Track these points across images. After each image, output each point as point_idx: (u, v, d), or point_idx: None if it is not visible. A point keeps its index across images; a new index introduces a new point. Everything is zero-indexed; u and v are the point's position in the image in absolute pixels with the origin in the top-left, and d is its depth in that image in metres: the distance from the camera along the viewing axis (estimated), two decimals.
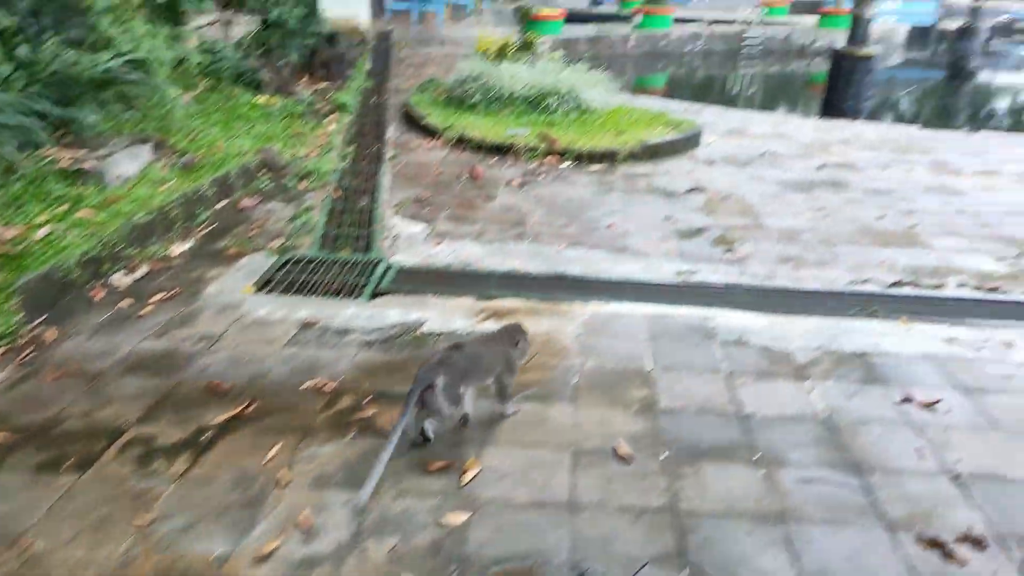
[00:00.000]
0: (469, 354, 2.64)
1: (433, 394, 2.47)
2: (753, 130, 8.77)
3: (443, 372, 2.51)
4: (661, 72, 23.39)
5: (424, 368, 2.54)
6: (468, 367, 2.61)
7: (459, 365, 2.58)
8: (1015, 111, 18.98)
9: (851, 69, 12.44)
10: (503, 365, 2.76)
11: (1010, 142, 8.49)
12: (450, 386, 2.52)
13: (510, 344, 2.80)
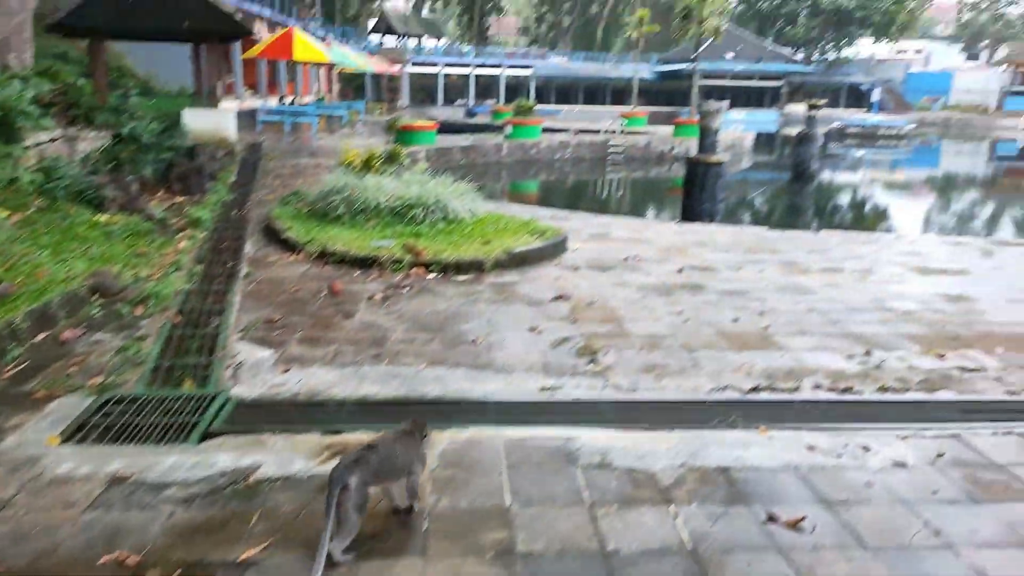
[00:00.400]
0: (382, 452, 2.66)
1: (347, 495, 2.47)
2: (617, 235, 9.02)
3: (358, 472, 2.52)
4: (533, 178, 24.26)
5: (338, 468, 2.52)
6: (381, 465, 2.63)
7: (373, 464, 2.59)
8: (852, 207, 20.86)
9: (704, 175, 13.26)
10: (415, 459, 2.81)
11: (849, 240, 9.14)
12: (361, 486, 2.52)
13: (419, 437, 2.86)
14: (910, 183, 27.60)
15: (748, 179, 27.43)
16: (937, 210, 20.62)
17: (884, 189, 25.22)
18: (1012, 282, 6.99)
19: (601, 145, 26.56)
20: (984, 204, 22.51)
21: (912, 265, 7.59)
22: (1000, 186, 27.57)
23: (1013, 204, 22.50)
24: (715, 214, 13.54)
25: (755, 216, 18.57)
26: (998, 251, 8.59)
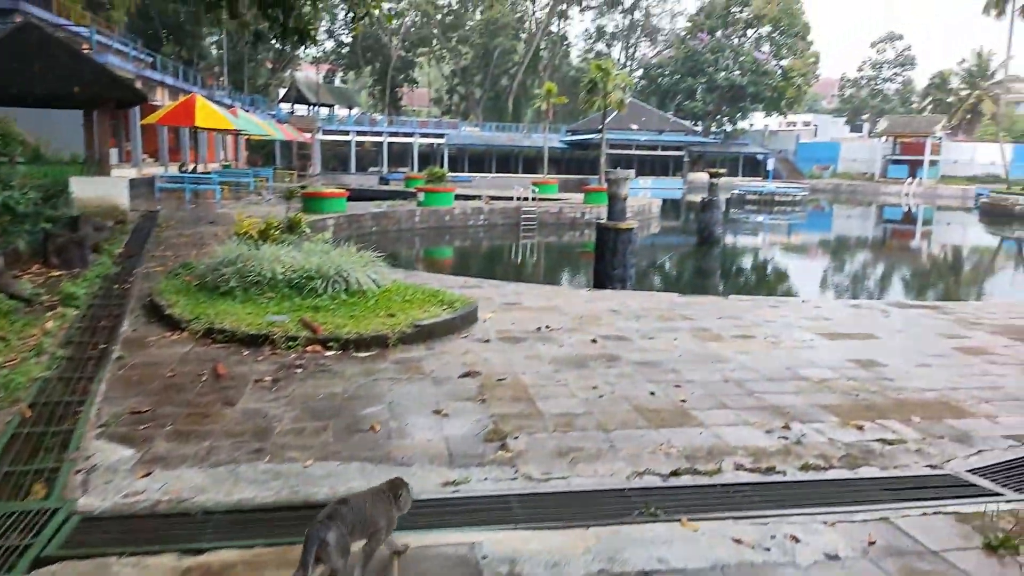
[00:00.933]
0: (355, 507, 2.66)
1: (327, 551, 2.48)
2: (529, 303, 8.77)
3: (334, 527, 2.52)
4: (448, 245, 24.07)
5: (313, 526, 2.51)
6: (355, 521, 2.63)
7: (347, 518, 2.59)
8: (756, 270, 21.56)
9: (614, 240, 13.31)
10: (382, 520, 2.76)
11: (758, 304, 9.19)
12: (341, 539, 2.53)
13: (392, 499, 2.84)
14: (807, 246, 28.90)
15: (657, 243, 28.10)
16: (835, 272, 21.51)
17: (784, 252, 26.28)
18: (915, 345, 7.07)
19: (514, 211, 26.73)
20: (876, 265, 23.67)
21: (820, 330, 7.62)
22: (888, 248, 29.25)
23: (901, 264, 23.79)
24: (627, 279, 13.58)
25: (666, 280, 18.87)
26: (897, 313, 8.79)
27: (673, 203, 48.78)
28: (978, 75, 67.73)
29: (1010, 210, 38.47)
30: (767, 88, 63.76)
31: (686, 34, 69.26)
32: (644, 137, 58.35)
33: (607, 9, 75.30)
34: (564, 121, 68.34)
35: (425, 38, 70.41)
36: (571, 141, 61.35)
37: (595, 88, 32.21)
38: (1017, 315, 8.73)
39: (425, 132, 60.14)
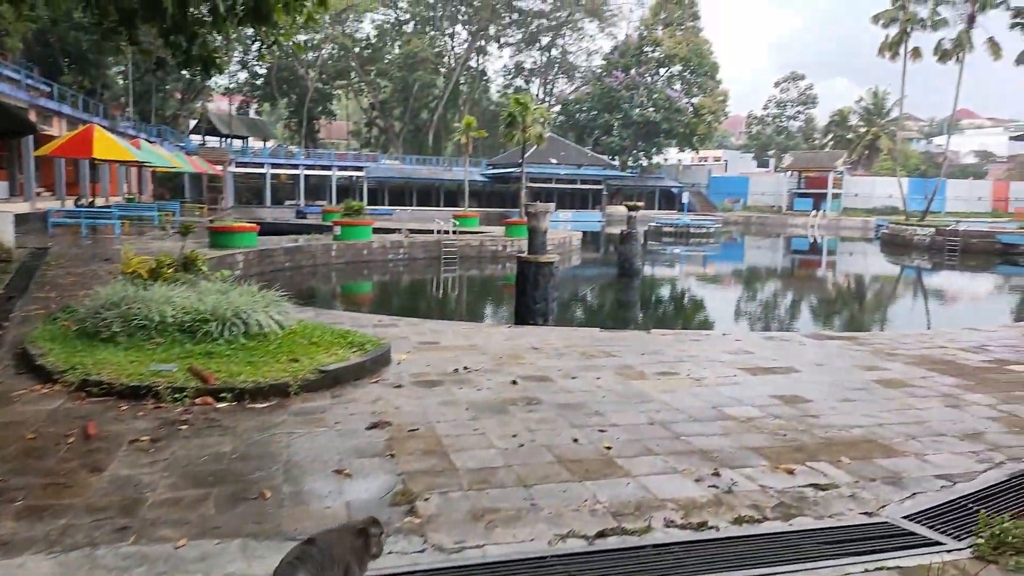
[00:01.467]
0: (322, 546, 2.44)
1: None
2: (447, 342, 8.35)
3: (302, 569, 2.33)
4: (366, 280, 23.40)
5: (281, 567, 2.35)
6: (324, 561, 2.40)
7: (316, 559, 2.38)
8: (675, 300, 21.77)
9: (535, 274, 13.07)
10: (352, 562, 2.53)
11: (679, 339, 9.04)
12: None
13: (365, 539, 2.63)
14: (722, 277, 29.56)
15: (579, 275, 28.16)
16: (750, 302, 21.94)
17: (701, 283, 26.75)
18: (836, 379, 7.00)
19: (435, 245, 26.32)
20: (788, 296, 24.33)
21: (743, 365, 7.49)
22: (798, 278, 30.26)
23: (811, 294, 24.55)
24: (549, 313, 13.33)
25: (588, 312, 18.77)
26: (815, 345, 8.80)
27: (593, 235, 49.42)
28: (874, 113, 72.15)
29: (909, 240, 40.56)
30: (680, 124, 65.96)
31: (602, 72, 71.14)
32: (564, 171, 59.23)
33: (525, 46, 76.67)
34: (486, 155, 68.76)
35: (343, 71, 69.81)
36: (492, 174, 61.68)
37: (514, 122, 32.38)
38: (930, 344, 8.87)
39: (343, 165, 59.23)
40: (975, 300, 23.77)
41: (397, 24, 70.95)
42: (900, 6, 43.74)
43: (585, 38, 78.06)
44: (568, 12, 72.03)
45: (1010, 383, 6.91)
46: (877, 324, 17.20)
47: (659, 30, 69.81)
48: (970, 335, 9.71)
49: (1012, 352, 8.52)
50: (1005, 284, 29.41)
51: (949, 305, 22.38)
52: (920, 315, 19.52)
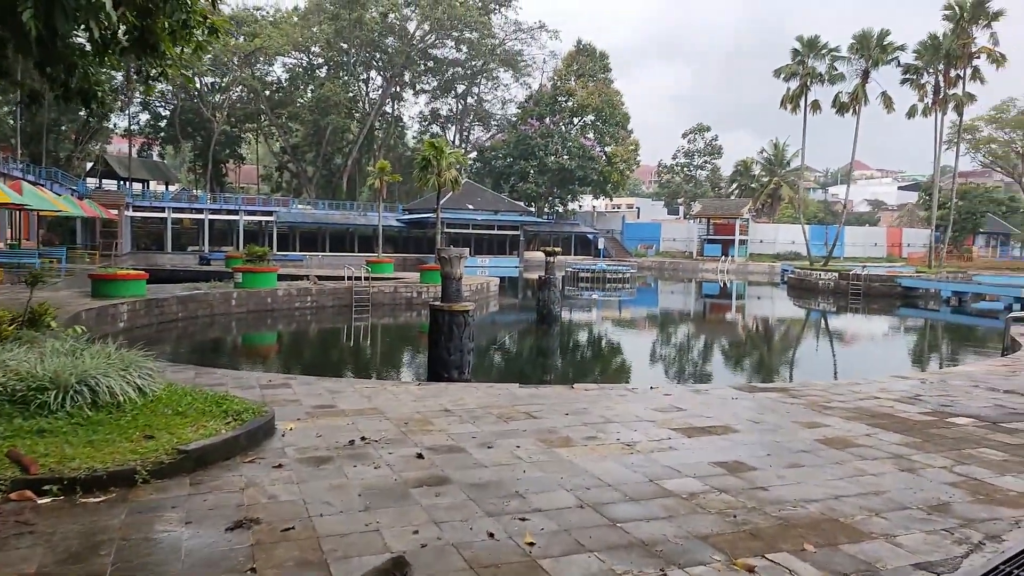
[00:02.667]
0: None
1: None
2: (347, 404, 7.31)
3: None
4: (268, 330, 21.89)
5: None
6: None
7: None
8: (595, 346, 21.21)
9: (449, 323, 12.17)
10: None
11: (604, 395, 8.29)
12: None
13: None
14: (641, 322, 29.37)
15: (497, 321, 27.40)
16: (670, 348, 21.63)
17: (620, 329, 26.39)
18: (777, 439, 6.37)
19: (345, 292, 25.06)
20: (706, 341, 24.22)
21: (676, 424, 6.78)
22: (714, 323, 30.44)
23: (728, 339, 24.54)
24: (464, 365, 12.40)
25: (507, 361, 17.91)
26: (747, 399, 8.22)
27: (511, 281, 49.00)
28: (775, 163, 75.51)
29: (814, 284, 41.85)
30: (594, 172, 67.06)
31: (517, 120, 71.88)
32: (481, 216, 58.89)
33: (440, 93, 76.77)
34: (403, 200, 67.84)
35: (252, 114, 67.86)
36: (408, 220, 60.70)
37: (429, 166, 31.69)
38: (863, 395, 8.43)
39: (252, 209, 57.02)
40: (887, 343, 24.25)
41: (310, 68, 69.79)
42: (800, 61, 45.89)
43: (500, 87, 78.97)
44: (483, 61, 72.69)
45: (957, 440, 6.44)
46: (800, 371, 17.02)
47: (572, 81, 71.33)
48: (900, 383, 9.38)
49: (947, 401, 8.17)
50: (910, 326, 30.42)
51: (864, 349, 22.69)
52: (840, 360, 19.54)
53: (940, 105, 43.73)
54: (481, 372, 15.01)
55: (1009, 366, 10.69)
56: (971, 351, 20.65)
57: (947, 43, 41.89)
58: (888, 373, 14.16)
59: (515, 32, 72.60)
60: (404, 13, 67.65)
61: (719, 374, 16.09)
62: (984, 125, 66.91)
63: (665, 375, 15.64)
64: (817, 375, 16.03)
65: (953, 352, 21.20)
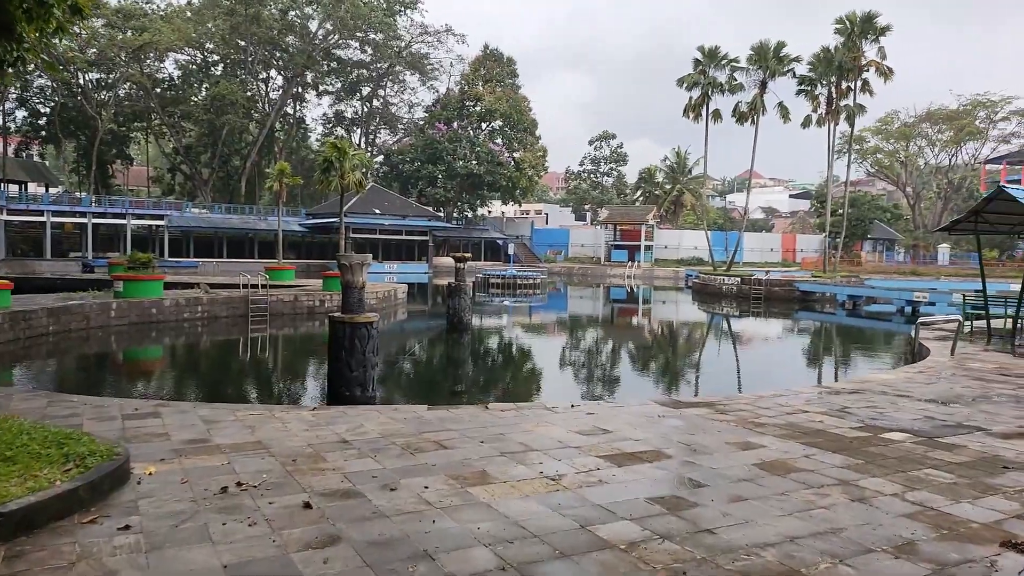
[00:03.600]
0: None
1: None
2: (223, 439, 6.25)
3: None
4: (152, 345, 20.06)
5: None
6: None
7: None
8: (508, 358, 20.47)
9: (351, 337, 11.16)
10: None
11: (522, 417, 7.54)
12: None
13: None
14: (554, 329, 28.96)
15: (406, 329, 26.34)
16: (585, 356, 21.20)
17: (533, 336, 25.85)
18: (714, 465, 5.79)
19: (241, 301, 23.42)
20: (619, 348, 23.97)
21: (604, 451, 6.10)
22: (624, 327, 30.39)
23: (640, 345, 24.41)
24: (367, 382, 11.41)
25: (415, 375, 16.94)
26: (674, 416, 7.67)
27: (420, 287, 47.85)
28: (678, 171, 77.38)
29: (718, 289, 42.77)
30: (502, 177, 66.74)
31: (424, 124, 70.72)
32: (388, 221, 57.38)
33: (345, 96, 74.66)
34: (308, 205, 65.36)
35: (142, 112, 63.85)
36: (312, 224, 58.51)
37: (331, 167, 30.22)
38: (790, 408, 8.03)
39: (141, 213, 53.54)
40: (798, 348, 24.61)
41: (204, 65, 66.27)
42: (701, 71, 46.95)
43: (407, 90, 77.53)
44: (389, 63, 71.08)
45: (900, 459, 6.04)
46: (720, 381, 16.73)
47: (480, 85, 70.83)
48: (822, 396, 9.08)
49: (875, 414, 7.87)
50: (815, 330, 31.29)
51: (778, 354, 22.88)
52: (757, 368, 19.43)
53: (833, 116, 45.64)
54: (388, 388, 14.03)
55: (925, 372, 10.67)
56: (880, 355, 21.14)
57: (839, 56, 43.77)
58: (808, 382, 14.10)
59: (421, 35, 71.44)
60: (306, 11, 65.32)
61: (639, 386, 15.64)
62: (871, 136, 70.74)
63: (584, 388, 15.06)
64: (737, 385, 15.87)
65: (864, 356, 21.71)
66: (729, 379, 16.76)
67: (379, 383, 12.05)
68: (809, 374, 17.35)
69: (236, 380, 15.09)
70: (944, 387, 9.56)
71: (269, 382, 14.90)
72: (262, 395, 13.07)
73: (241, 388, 13.97)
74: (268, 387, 14.24)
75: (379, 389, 12.31)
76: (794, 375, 17.10)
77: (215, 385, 14.27)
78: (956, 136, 69.17)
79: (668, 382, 16.07)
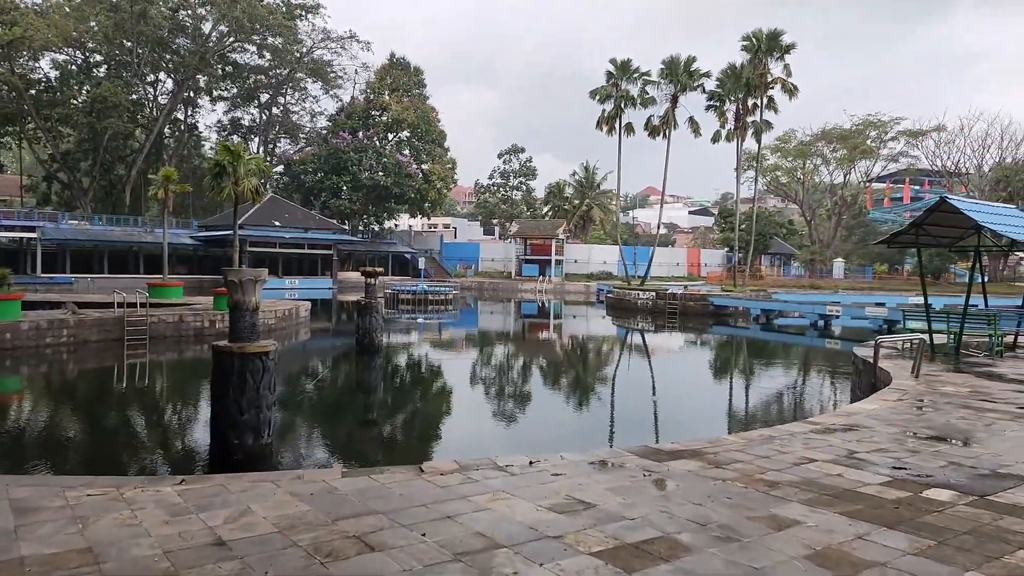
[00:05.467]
0: None
1: None
2: (33, 545, 4.14)
3: None
4: (7, 375, 16.97)
5: None
6: None
7: None
8: (428, 386, 18.24)
9: (240, 371, 9.05)
10: None
11: (471, 480, 5.70)
12: None
13: None
14: (476, 350, 27.12)
15: (310, 351, 23.89)
16: (519, 384, 19.48)
17: (455, 359, 23.88)
18: (760, 567, 4.18)
19: (115, 323, 20.44)
20: (553, 372, 22.44)
21: (596, 542, 4.39)
22: (545, 345, 28.94)
23: (567, 366, 22.94)
24: (262, 428, 9.30)
25: (324, 410, 14.69)
26: (661, 472, 6.07)
27: (324, 304, 45.03)
28: (587, 186, 77.35)
29: (633, 304, 42.14)
30: (411, 189, 64.57)
31: (327, 133, 67.65)
32: (289, 234, 54.06)
33: (242, 102, 70.58)
34: (202, 217, 60.94)
35: (13, 115, 57.88)
36: (204, 237, 54.43)
37: (224, 173, 27.34)
38: (794, 458, 6.57)
39: (9, 224, 48.27)
40: (738, 369, 23.58)
41: (85, 66, 60.89)
42: (614, 83, 46.57)
43: (309, 98, 74.06)
44: (289, 70, 67.65)
45: (973, 535, 4.62)
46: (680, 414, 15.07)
47: (386, 95, 68.50)
48: (817, 436, 7.70)
49: (893, 460, 6.52)
50: (745, 347, 30.79)
51: (724, 378, 21.71)
52: (709, 395, 17.73)
53: (741, 131, 46.16)
54: (289, 434, 11.78)
55: (904, 400, 9.55)
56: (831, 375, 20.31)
57: (746, 72, 44.29)
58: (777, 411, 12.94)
59: (324, 41, 68.42)
60: (198, 12, 61.20)
61: (593, 424, 13.76)
62: (769, 154, 72.85)
63: (528, 427, 13.18)
64: (702, 417, 14.41)
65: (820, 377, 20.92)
66: (691, 411, 15.18)
67: (277, 428, 9.96)
68: (774, 402, 16.12)
69: (85, 430, 11.97)
70: (939, 419, 8.41)
71: (131, 432, 12.13)
72: (117, 454, 10.41)
73: (90, 443, 10.99)
74: (129, 440, 11.44)
75: (280, 436, 10.23)
76: (759, 404, 15.84)
77: (53, 441, 11.04)
78: (850, 155, 72.15)
79: (625, 417, 14.34)
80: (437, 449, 11.26)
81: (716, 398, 17.46)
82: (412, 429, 13.03)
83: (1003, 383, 11.36)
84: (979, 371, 12.68)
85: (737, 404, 16.26)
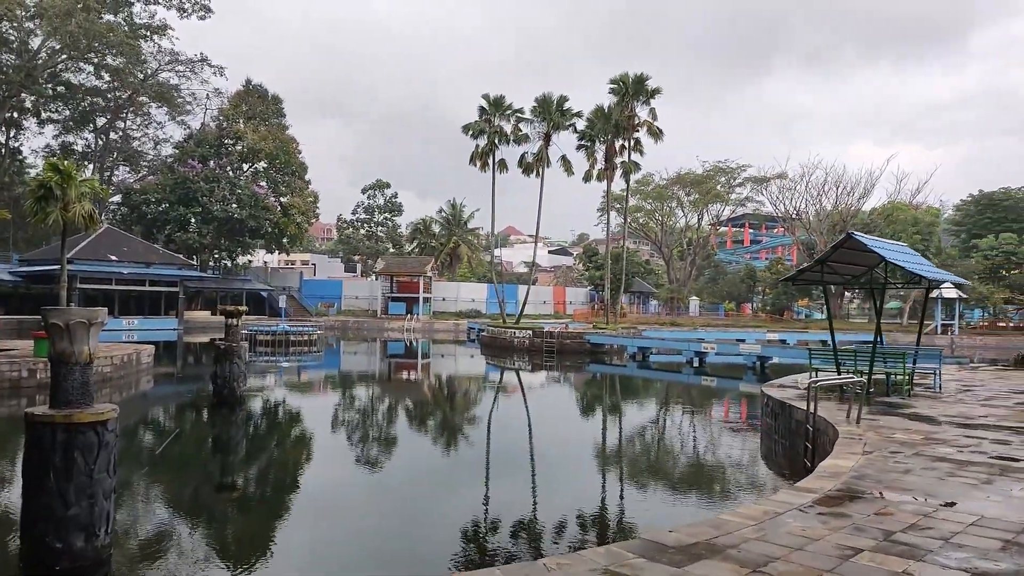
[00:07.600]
0: None
1: None
2: None
3: None
4: None
5: None
6: None
7: None
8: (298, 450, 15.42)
9: (66, 448, 6.60)
10: None
11: None
12: None
13: None
14: (346, 396, 24.58)
15: (155, 404, 20.43)
16: (407, 445, 17.33)
17: (326, 413, 21.26)
18: None
19: None
20: (447, 422, 20.46)
21: None
22: (432, 390, 26.88)
23: (457, 413, 21.05)
24: (97, 524, 6.82)
25: (179, 492, 11.75)
26: None
27: (169, 346, 40.40)
28: (454, 223, 76.25)
29: (509, 342, 40.96)
30: (268, 223, 60.48)
31: (174, 161, 62.33)
32: (128, 270, 48.48)
33: (75, 126, 63.69)
34: (26, 250, 53.66)
35: None
36: (27, 272, 47.72)
37: (50, 196, 23.32)
38: (831, 546, 5.17)
39: None
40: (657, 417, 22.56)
41: None
42: (487, 119, 45.84)
43: (153, 124, 68.08)
44: (131, 92, 61.93)
45: None
46: (631, 475, 13.53)
47: (241, 122, 64.33)
48: (820, 509, 6.41)
49: (921, 541, 5.28)
50: (618, 383, 30.12)
51: (643, 423, 20.43)
52: (643, 454, 15.50)
53: (609, 172, 46.74)
54: (133, 529, 8.91)
55: (874, 454, 8.56)
56: (736, 419, 19.58)
57: (615, 114, 45.00)
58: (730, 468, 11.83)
59: (171, 63, 63.37)
60: (25, 26, 54.77)
61: (532, 496, 11.52)
62: (631, 196, 75.17)
63: (456, 510, 10.42)
64: (661, 480, 12.55)
65: (728, 422, 20.17)
66: (643, 473, 13.18)
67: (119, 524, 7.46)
68: (708, 454, 14.89)
69: None
70: (925, 480, 7.41)
71: None
72: None
73: None
74: None
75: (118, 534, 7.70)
76: (690, 460, 14.52)
77: None
78: (703, 198, 75.80)
79: (571, 488, 11.82)
80: (336, 552, 8.84)
81: (640, 450, 15.94)
82: (302, 522, 10.42)
83: (938, 426, 10.82)
84: (905, 413, 12.19)
85: (669, 459, 14.86)
